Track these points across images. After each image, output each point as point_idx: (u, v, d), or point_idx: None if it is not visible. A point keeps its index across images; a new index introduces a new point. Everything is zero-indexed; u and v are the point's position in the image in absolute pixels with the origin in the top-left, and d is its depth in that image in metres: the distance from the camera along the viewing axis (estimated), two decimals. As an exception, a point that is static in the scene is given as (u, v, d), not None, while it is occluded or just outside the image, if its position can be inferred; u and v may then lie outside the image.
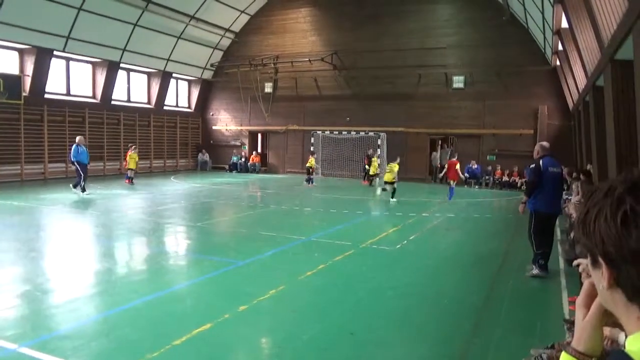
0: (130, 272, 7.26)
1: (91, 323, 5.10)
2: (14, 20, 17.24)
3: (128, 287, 6.39)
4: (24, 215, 11.71)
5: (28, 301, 5.68)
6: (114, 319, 5.17)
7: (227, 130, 27.56)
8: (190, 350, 4.37)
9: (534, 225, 7.07)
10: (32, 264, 7.37)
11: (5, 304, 5.54)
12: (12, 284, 6.39)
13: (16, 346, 4.32)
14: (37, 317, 5.22)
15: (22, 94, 18.35)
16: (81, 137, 15.59)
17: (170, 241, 9.72)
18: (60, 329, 4.88)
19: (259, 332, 4.97)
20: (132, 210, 12.96)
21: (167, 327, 4.90)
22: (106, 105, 22.34)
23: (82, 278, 6.71)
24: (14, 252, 7.98)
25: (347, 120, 23.84)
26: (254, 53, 25.86)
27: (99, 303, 5.78)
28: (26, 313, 5.33)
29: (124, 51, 21.93)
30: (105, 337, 4.68)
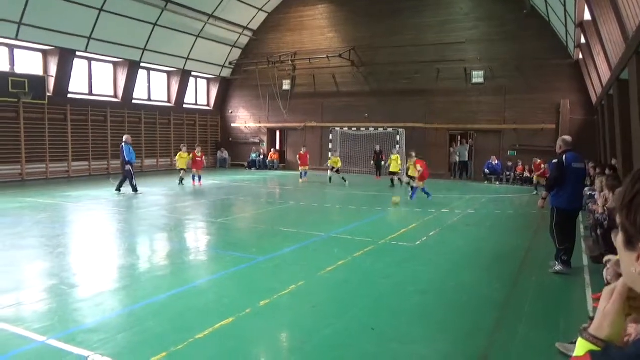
0: (154, 267, 7.38)
1: (116, 317, 5.21)
2: (38, 22, 17.62)
3: (152, 282, 6.50)
4: (50, 212, 11.98)
5: (55, 295, 5.83)
6: (139, 313, 5.27)
7: (246, 128, 27.74)
8: (213, 344, 4.44)
9: (556, 222, 6.96)
10: (59, 259, 7.56)
11: (34, 298, 5.70)
12: (40, 278, 6.57)
13: (45, 338, 4.44)
14: (64, 311, 5.36)
15: (46, 94, 18.77)
16: (128, 136, 15.63)
17: (191, 237, 9.84)
18: (86, 322, 5.00)
19: (279, 326, 5.01)
20: (154, 207, 13.16)
21: (190, 321, 4.98)
22: (127, 104, 22.70)
23: (107, 273, 6.86)
24: (42, 248, 8.19)
25: (366, 117, 23.79)
26: (272, 50, 25.95)
27: (124, 297, 5.90)
28: (54, 307, 5.47)
29: (144, 50, 22.24)
30: (130, 331, 4.78)
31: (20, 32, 17.49)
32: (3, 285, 6.18)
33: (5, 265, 7.03)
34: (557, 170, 6.86)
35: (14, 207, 12.47)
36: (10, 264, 7.12)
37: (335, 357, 4.30)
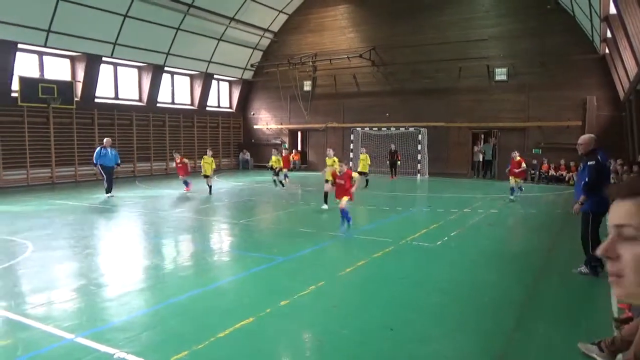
0: (177, 268, 7.55)
1: (141, 316, 5.37)
2: (65, 30, 18.16)
3: (175, 282, 6.66)
4: (79, 214, 12.34)
5: (84, 295, 6.04)
6: (162, 312, 5.42)
7: (268, 129, 27.97)
8: (234, 343, 4.54)
9: (592, 228, 6.54)
10: (87, 260, 7.80)
11: (63, 297, 5.92)
12: (69, 278, 6.81)
13: (73, 336, 4.62)
14: (92, 310, 5.55)
15: (74, 99, 19.32)
16: (108, 139, 15.74)
17: (214, 238, 10.02)
18: (113, 320, 5.18)
19: (299, 326, 5.09)
20: (178, 209, 13.42)
21: (212, 320, 5.10)
22: (152, 108, 23.16)
23: (133, 273, 7.05)
24: (71, 249, 8.47)
25: (387, 116, 23.72)
26: (293, 52, 26.11)
27: (148, 297, 6.07)
28: (82, 306, 5.67)
29: (167, 55, 22.65)
30: (154, 329, 4.93)
31: (49, 39, 18.05)
32: (35, 285, 6.43)
33: (37, 266, 7.30)
34: (597, 172, 6.42)
35: (44, 209, 12.89)
36: (42, 265, 7.39)
37: (354, 356, 4.35)
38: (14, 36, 17.10)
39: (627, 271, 0.84)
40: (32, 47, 18.31)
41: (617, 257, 0.86)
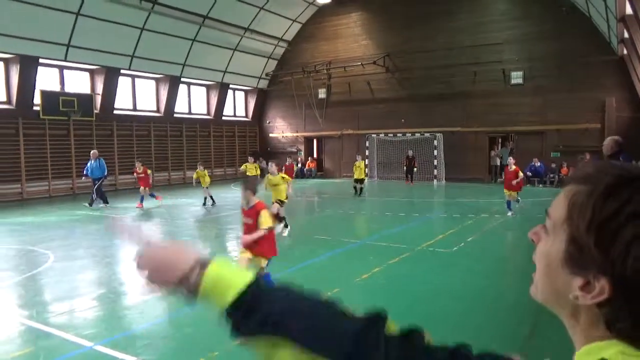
0: (194, 276, 7.62)
1: (159, 324, 5.45)
2: (85, 44, 18.59)
3: (192, 290, 6.73)
4: (99, 224, 12.56)
5: (103, 303, 6.15)
6: (179, 320, 5.49)
7: (283, 137, 28.13)
8: (247, 352, 4.56)
9: None
10: (107, 269, 7.94)
11: (83, 305, 6.04)
12: (89, 287, 6.94)
13: (92, 344, 4.71)
14: (111, 318, 5.65)
15: (94, 111, 19.73)
16: (95, 151, 16.01)
17: (230, 246, 10.10)
18: (131, 328, 5.27)
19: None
20: (194, 218, 13.58)
21: (227, 328, 5.13)
22: (169, 118, 23.50)
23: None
24: (91, 258, 8.63)
25: (402, 122, 23.67)
26: (307, 60, 26.28)
27: (165, 305, 6.14)
28: (101, 314, 5.78)
29: (184, 66, 23.00)
30: (171, 337, 5.00)
31: (69, 53, 18.50)
32: (56, 294, 6.57)
33: (58, 275, 7.47)
34: None
35: (66, 220, 13.16)
36: (63, 274, 7.55)
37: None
38: (36, 51, 17.56)
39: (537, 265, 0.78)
40: (52, 62, 18.77)
41: None
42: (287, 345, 0.80)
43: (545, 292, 0.77)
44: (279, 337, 0.81)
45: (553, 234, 0.75)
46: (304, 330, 0.80)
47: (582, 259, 0.69)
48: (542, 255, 0.77)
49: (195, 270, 0.88)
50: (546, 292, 0.77)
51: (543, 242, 0.77)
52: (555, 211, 0.76)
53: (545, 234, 0.78)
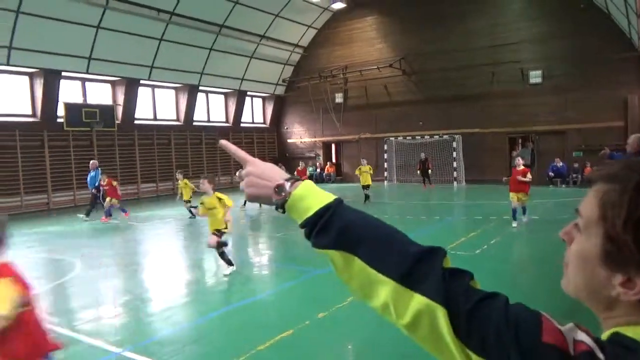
0: (217, 282, 7.72)
1: (183, 330, 5.53)
2: (105, 56, 18.99)
3: (215, 296, 6.82)
4: (123, 232, 12.79)
5: (129, 310, 6.26)
6: (204, 326, 5.56)
7: (302, 143, 28.25)
8: (273, 356, 4.61)
9: None
10: (132, 276, 8.09)
11: (110, 312, 6.16)
12: (115, 294, 7.07)
13: (120, 350, 4.80)
14: (137, 324, 5.76)
15: (116, 122, 20.12)
16: (94, 162, 15.98)
17: (252, 252, 10.18)
18: (157, 335, 5.35)
19: (339, 338, 5.11)
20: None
21: (252, 333, 5.19)
22: (189, 127, 23.82)
23: (175, 288, 7.26)
24: (116, 266, 8.80)
25: (420, 125, 23.56)
26: (323, 65, 26.39)
27: (190, 311, 6.23)
28: (128, 320, 5.89)
29: (202, 75, 23.31)
30: (196, 343, 5.06)
31: (91, 66, 18.91)
32: (84, 302, 6.71)
33: (84, 283, 7.63)
34: None
35: (90, 228, 13.42)
36: (90, 282, 7.71)
37: (393, 367, 4.33)
38: (58, 65, 18.01)
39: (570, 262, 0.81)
40: (75, 74, 19.21)
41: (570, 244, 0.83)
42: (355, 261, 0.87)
43: (578, 287, 0.81)
44: (347, 252, 0.87)
45: (586, 233, 0.78)
46: (369, 248, 0.86)
47: (621, 256, 0.72)
48: (576, 253, 0.80)
49: (288, 183, 0.98)
50: (579, 287, 0.81)
51: (576, 240, 0.81)
52: (587, 210, 0.79)
53: (577, 232, 0.81)
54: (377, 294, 0.85)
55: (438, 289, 0.78)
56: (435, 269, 0.81)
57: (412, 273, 0.81)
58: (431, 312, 0.77)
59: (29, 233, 12.96)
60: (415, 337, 0.83)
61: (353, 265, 0.87)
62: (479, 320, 0.74)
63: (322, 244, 0.91)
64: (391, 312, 0.84)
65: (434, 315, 0.77)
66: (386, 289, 0.83)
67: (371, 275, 0.85)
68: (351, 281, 0.90)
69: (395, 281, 0.82)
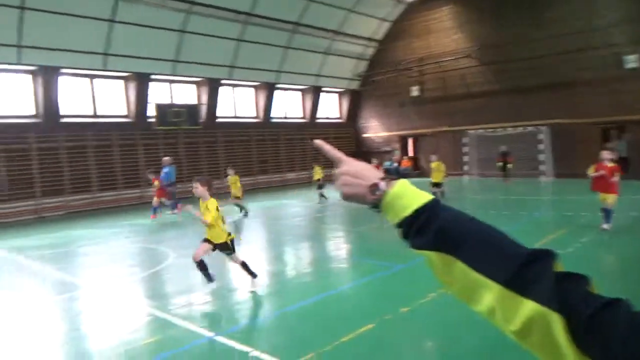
0: (299, 274, 7.93)
1: (268, 319, 5.75)
2: (190, 58, 20.08)
3: (298, 287, 7.01)
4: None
5: (218, 297, 6.61)
6: (288, 315, 5.74)
7: (378, 137, 28.09)
8: (356, 347, 4.66)
9: None
10: (219, 266, 8.50)
11: (201, 299, 6.55)
12: (205, 283, 7.49)
13: (212, 334, 5.09)
14: (226, 311, 6.08)
15: (200, 120, 21.21)
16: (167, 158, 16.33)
17: (331, 245, 10.32)
18: (244, 322, 5.62)
19: (421, 333, 5.06)
20: (296, 218, 14.06)
21: (334, 325, 5.28)
22: (267, 124, 24.56)
23: (259, 278, 7.55)
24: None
25: (501, 116, 22.52)
26: (399, 58, 26.02)
27: (275, 301, 6.46)
28: (218, 307, 6.22)
29: (279, 73, 23.89)
30: (282, 332, 5.24)
31: (177, 68, 20.07)
32: (177, 288, 7.19)
33: (177, 271, 8.16)
34: None
35: (181, 221, 14.26)
36: (182, 270, 8.24)
37: (480, 365, 4.22)
38: (148, 68, 19.31)
39: None
40: (163, 77, 20.48)
41: None
42: (456, 263, 0.84)
43: None
44: (447, 253, 0.85)
45: None
46: (471, 249, 0.83)
47: None
48: None
49: (384, 182, 0.98)
50: None
51: None
52: None
53: None
54: (481, 299, 0.81)
55: (552, 295, 0.73)
56: (546, 272, 0.77)
57: (520, 277, 0.77)
58: (544, 320, 0.73)
59: (125, 225, 14.05)
60: (525, 343, 0.78)
61: (454, 268, 0.84)
62: (601, 328, 0.69)
63: (419, 244, 0.88)
64: (498, 318, 0.80)
65: (547, 323, 0.73)
66: (491, 294, 0.79)
67: (474, 279, 0.81)
68: (452, 284, 0.86)
69: (502, 285, 0.78)
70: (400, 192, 0.95)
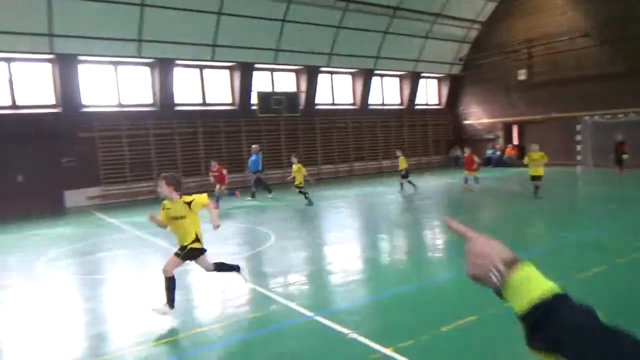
0: (395, 261, 7.89)
1: (367, 302, 5.81)
2: (290, 47, 20.60)
3: (395, 274, 6.98)
4: (306, 210, 13.87)
5: (317, 279, 6.82)
6: (386, 301, 5.75)
7: (480, 124, 26.84)
8: (458, 338, 4.55)
9: None
10: (318, 249, 8.78)
11: (301, 279, 6.80)
12: (304, 264, 7.76)
13: (312, 314, 5.26)
14: (325, 293, 6.25)
15: (299, 108, 21.76)
16: (256, 146, 16.93)
17: (428, 234, 10.12)
18: (343, 304, 5.72)
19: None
20: (391, 205, 13.98)
21: (433, 314, 5.20)
22: (364, 110, 24.53)
23: (356, 263, 7.67)
24: (304, 239, 9.64)
25: (620, 102, 20.30)
26: (505, 40, 24.50)
27: (372, 286, 6.51)
28: (316, 288, 6.41)
29: (376, 59, 23.68)
30: (379, 317, 5.27)
31: (278, 57, 20.72)
32: (280, 268, 7.54)
33: (278, 252, 8.54)
34: None
35: (277, 205, 14.83)
36: (282, 251, 8.61)
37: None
38: (251, 58, 20.16)
39: None
40: (265, 66, 21.25)
41: None
42: None
43: None
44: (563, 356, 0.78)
45: None
46: None
47: None
48: None
49: (508, 264, 0.92)
50: None
51: None
52: None
53: None
54: None
55: None
56: None
57: None
58: None
59: (232, 206, 14.90)
60: None
61: None
62: None
63: (537, 345, 0.82)
64: None
65: None
66: None
67: None
68: None
69: None
70: (522, 278, 0.88)
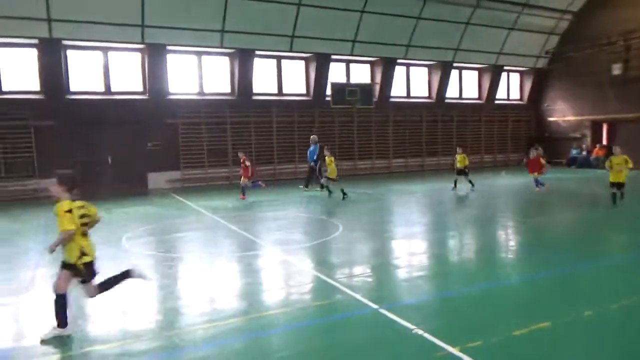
0: (464, 260, 7.66)
1: (433, 299, 5.70)
2: (367, 38, 20.45)
3: (463, 273, 6.79)
4: (375, 202, 13.80)
5: (382, 272, 6.79)
6: (453, 299, 5.61)
7: (565, 122, 25.21)
8: (529, 344, 4.35)
9: None
10: (385, 243, 8.74)
11: (367, 271, 6.81)
12: (371, 256, 7.76)
13: (377, 307, 5.25)
14: (390, 286, 6.21)
15: (373, 100, 21.58)
16: (314, 136, 16.96)
17: (501, 234, 9.71)
18: (409, 299, 5.66)
19: (606, 342, 4.45)
20: (462, 203, 13.55)
21: (504, 316, 5.00)
22: (440, 104, 23.87)
23: (423, 259, 7.55)
24: (371, 232, 9.64)
25: None
26: (598, 32, 22.74)
27: (439, 283, 6.37)
28: (382, 281, 6.39)
29: (456, 51, 22.89)
30: (446, 315, 5.15)
31: (355, 48, 20.65)
32: (346, 258, 7.60)
33: (346, 243, 8.60)
34: None
35: (359, 194, 14.86)
36: (349, 242, 8.67)
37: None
38: (328, 49, 20.25)
39: None
40: (341, 57, 21.26)
41: None
42: None
43: None
44: None
45: None
46: None
47: None
48: None
49: None
50: None
51: None
52: None
53: None
54: None
55: None
56: None
57: None
58: None
59: (303, 195, 15.14)
60: None
61: None
62: None
63: None
64: None
65: None
66: None
67: None
68: None
69: None
70: None
